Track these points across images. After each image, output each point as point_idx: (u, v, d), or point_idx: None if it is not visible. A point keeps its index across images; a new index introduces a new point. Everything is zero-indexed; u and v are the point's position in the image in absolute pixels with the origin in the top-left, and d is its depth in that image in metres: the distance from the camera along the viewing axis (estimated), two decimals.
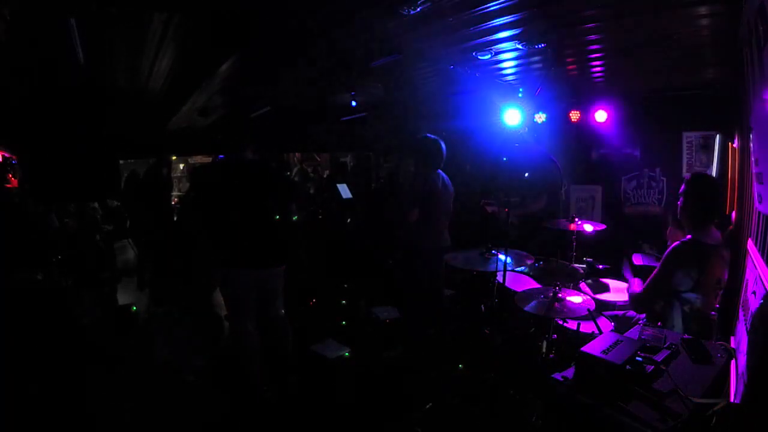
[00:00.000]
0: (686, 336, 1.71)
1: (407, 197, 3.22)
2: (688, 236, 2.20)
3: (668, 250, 2.21)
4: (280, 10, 2.37)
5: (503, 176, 4.17)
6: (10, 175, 4.97)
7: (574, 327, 2.44)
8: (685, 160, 4.49)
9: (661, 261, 2.22)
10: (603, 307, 2.71)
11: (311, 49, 3.19)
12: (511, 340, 2.89)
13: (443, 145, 3.30)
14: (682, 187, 2.32)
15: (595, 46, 2.96)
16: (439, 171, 3.34)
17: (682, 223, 2.33)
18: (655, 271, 2.23)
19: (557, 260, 3.01)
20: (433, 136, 3.32)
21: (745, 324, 1.63)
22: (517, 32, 2.66)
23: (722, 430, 1.31)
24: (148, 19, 2.49)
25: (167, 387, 2.97)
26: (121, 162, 7.42)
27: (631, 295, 2.39)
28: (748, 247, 2.00)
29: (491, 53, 3.14)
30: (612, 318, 2.57)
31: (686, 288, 2.14)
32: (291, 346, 3.10)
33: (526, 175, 3.77)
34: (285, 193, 2.91)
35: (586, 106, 4.49)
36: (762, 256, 1.66)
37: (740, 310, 1.88)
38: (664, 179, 4.54)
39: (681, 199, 2.29)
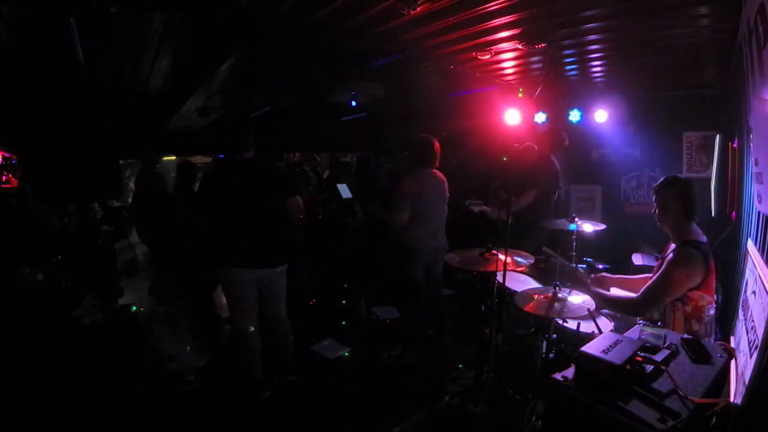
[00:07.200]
0: (686, 336, 1.71)
1: (396, 198, 3.14)
2: (695, 238, 2.18)
3: (674, 254, 2.15)
4: (280, 10, 2.37)
5: (501, 176, 4.15)
6: (11, 175, 4.96)
7: (574, 327, 2.44)
8: (685, 160, 4.50)
9: (666, 265, 2.15)
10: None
11: (311, 49, 3.19)
12: (511, 340, 2.89)
13: (436, 144, 3.23)
14: (665, 193, 2.26)
15: (595, 46, 2.96)
16: (435, 170, 3.29)
17: (671, 227, 2.30)
18: (657, 276, 2.17)
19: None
20: (426, 135, 3.27)
21: (745, 324, 1.63)
22: (517, 32, 2.67)
23: (722, 430, 1.31)
24: (148, 19, 2.49)
25: (167, 387, 2.96)
26: (121, 162, 7.45)
27: (629, 303, 2.28)
28: (748, 247, 2.00)
29: (491, 53, 3.14)
30: (612, 318, 2.57)
31: (691, 287, 2.12)
32: (291, 346, 3.10)
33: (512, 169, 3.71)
34: (286, 191, 2.87)
35: (586, 106, 4.50)
36: (762, 256, 1.66)
37: (740, 310, 1.88)
38: None
39: (673, 203, 2.24)
